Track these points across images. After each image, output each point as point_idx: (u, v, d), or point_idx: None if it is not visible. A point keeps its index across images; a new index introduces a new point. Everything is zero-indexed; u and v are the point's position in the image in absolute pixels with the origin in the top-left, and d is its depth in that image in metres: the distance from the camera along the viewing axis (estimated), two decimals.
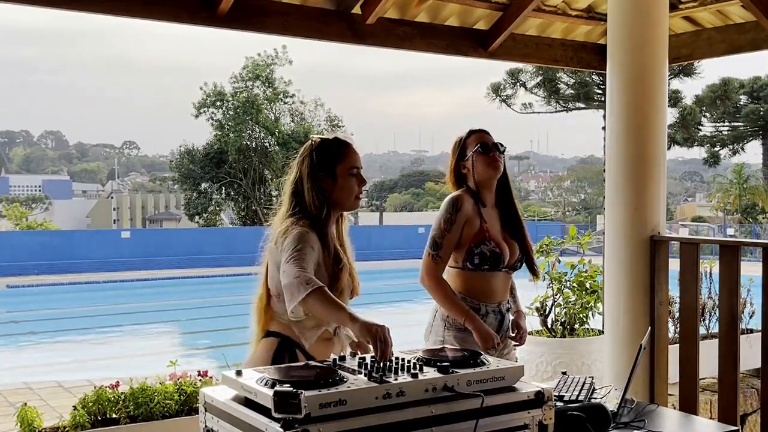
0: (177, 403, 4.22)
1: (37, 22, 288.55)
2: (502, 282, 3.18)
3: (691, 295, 4.28)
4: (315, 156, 2.65)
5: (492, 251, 3.11)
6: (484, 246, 3.10)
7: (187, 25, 4.13)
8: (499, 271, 3.15)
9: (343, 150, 2.68)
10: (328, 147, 2.67)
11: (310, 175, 2.64)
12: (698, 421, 3.13)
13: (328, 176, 2.64)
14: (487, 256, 3.10)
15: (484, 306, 3.14)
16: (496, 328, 3.15)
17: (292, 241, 2.49)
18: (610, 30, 4.63)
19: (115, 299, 18.53)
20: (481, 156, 3.15)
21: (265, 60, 28.38)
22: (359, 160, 2.72)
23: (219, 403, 2.05)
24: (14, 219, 39.68)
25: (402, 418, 1.91)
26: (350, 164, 2.67)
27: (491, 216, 3.20)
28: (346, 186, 2.66)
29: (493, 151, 3.17)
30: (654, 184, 4.48)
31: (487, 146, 3.16)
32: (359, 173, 2.70)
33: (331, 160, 2.65)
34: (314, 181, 2.63)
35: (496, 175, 3.18)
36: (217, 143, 28.16)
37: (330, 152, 2.66)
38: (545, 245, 5.15)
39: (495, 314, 3.16)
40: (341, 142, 2.70)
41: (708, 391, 4.94)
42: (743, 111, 28.41)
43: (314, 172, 2.64)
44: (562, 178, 68.44)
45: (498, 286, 3.17)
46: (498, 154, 3.18)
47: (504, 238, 3.18)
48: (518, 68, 21.47)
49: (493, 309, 3.16)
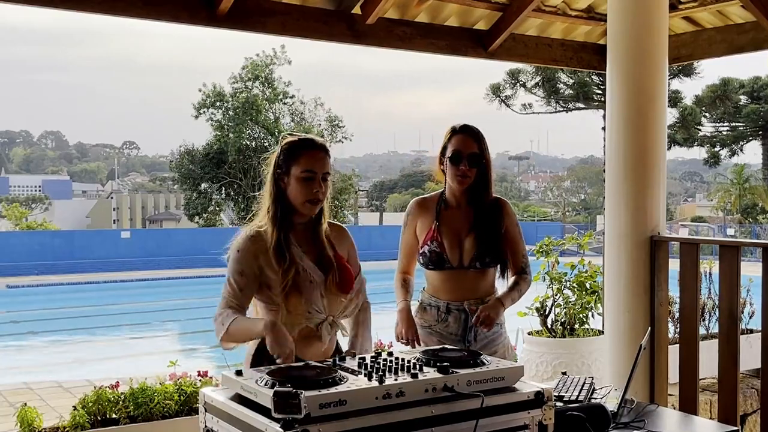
0: (177, 403, 4.22)
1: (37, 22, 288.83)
2: (465, 281, 3.14)
3: (691, 295, 4.28)
4: (279, 154, 2.68)
5: (432, 251, 3.13)
6: (427, 246, 3.14)
7: (187, 25, 4.13)
8: (454, 270, 3.13)
9: (301, 152, 2.66)
10: (291, 147, 2.68)
11: (273, 173, 2.68)
12: (698, 422, 3.13)
13: (285, 175, 2.67)
14: (428, 256, 3.14)
15: (444, 304, 3.15)
16: (461, 326, 3.13)
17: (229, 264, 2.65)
18: (610, 30, 4.63)
19: (115, 299, 18.54)
20: (451, 166, 3.13)
21: (264, 60, 28.39)
22: (319, 164, 2.65)
23: (219, 403, 2.05)
24: (14, 219, 39.73)
25: (402, 418, 1.91)
26: (304, 167, 2.64)
27: (457, 216, 3.18)
28: (297, 188, 2.65)
29: (462, 163, 3.10)
30: (654, 184, 4.48)
31: (458, 158, 3.10)
32: (315, 178, 2.64)
33: (289, 160, 2.66)
34: (274, 179, 2.68)
35: (461, 189, 3.15)
36: (216, 143, 28.15)
37: (289, 152, 2.67)
38: (545, 245, 5.14)
39: (459, 312, 3.13)
40: (305, 143, 2.69)
41: (708, 391, 4.94)
42: (743, 111, 28.40)
43: (276, 170, 2.68)
44: (562, 179, 68.45)
45: (459, 285, 3.14)
46: (468, 168, 3.10)
47: (465, 238, 3.13)
48: (518, 68, 21.43)
49: (456, 307, 3.14)
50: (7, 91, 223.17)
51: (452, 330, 3.14)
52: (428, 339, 3.16)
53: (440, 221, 3.17)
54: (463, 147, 3.11)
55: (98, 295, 19.23)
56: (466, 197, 3.19)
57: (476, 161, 3.11)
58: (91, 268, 22.67)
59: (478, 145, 3.13)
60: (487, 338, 3.16)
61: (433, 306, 3.18)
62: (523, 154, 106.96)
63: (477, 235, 3.14)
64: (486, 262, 3.15)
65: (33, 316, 16.16)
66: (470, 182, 3.13)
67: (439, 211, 3.19)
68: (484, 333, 3.14)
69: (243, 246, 2.64)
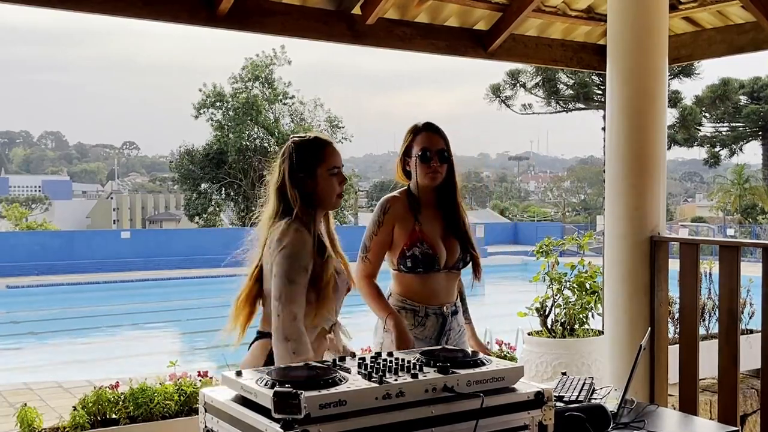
0: (177, 403, 4.22)
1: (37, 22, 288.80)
2: (443, 283, 3.12)
3: (691, 295, 4.28)
4: (295, 157, 2.66)
5: (425, 253, 3.06)
6: (416, 248, 3.06)
7: (187, 25, 4.13)
8: (438, 273, 3.09)
9: (323, 151, 2.67)
10: (308, 148, 2.67)
11: (291, 177, 2.65)
12: (698, 422, 3.13)
13: (309, 177, 2.65)
14: (419, 259, 3.06)
15: (423, 308, 3.09)
16: (437, 330, 3.11)
17: (283, 261, 2.52)
18: (610, 30, 4.63)
19: (114, 299, 18.53)
20: (421, 164, 3.09)
21: (264, 60, 28.39)
22: (339, 159, 2.71)
23: (219, 404, 2.05)
24: (14, 219, 39.71)
25: (402, 419, 1.91)
26: (330, 164, 2.67)
27: (429, 217, 3.13)
28: (328, 186, 2.66)
29: (433, 160, 3.08)
30: (654, 184, 4.48)
31: (426, 155, 3.07)
32: (340, 172, 2.70)
33: (311, 162, 2.65)
34: (295, 182, 2.64)
35: (433, 185, 3.11)
36: (216, 144, 28.15)
37: (309, 153, 2.66)
38: (545, 246, 5.14)
39: (437, 316, 3.11)
40: (320, 142, 2.69)
41: (708, 391, 4.94)
42: (743, 111, 28.42)
43: (295, 173, 2.65)
44: (562, 179, 68.51)
45: (439, 288, 3.11)
46: (438, 164, 3.08)
47: (444, 239, 3.12)
48: (518, 69, 21.45)
49: (435, 311, 3.11)
50: (7, 91, 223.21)
51: (428, 333, 3.11)
52: None
53: (420, 222, 3.11)
54: (431, 144, 3.09)
55: (98, 296, 19.22)
56: (435, 197, 3.15)
57: (445, 158, 3.10)
58: (91, 268, 22.66)
59: (444, 141, 3.13)
60: (456, 341, 3.16)
61: (408, 309, 3.10)
62: (523, 155, 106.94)
63: (455, 235, 3.13)
64: (466, 262, 3.16)
65: (33, 317, 16.16)
66: (441, 179, 3.11)
67: (416, 212, 3.12)
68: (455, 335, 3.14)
69: (299, 240, 2.56)
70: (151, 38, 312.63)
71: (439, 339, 3.12)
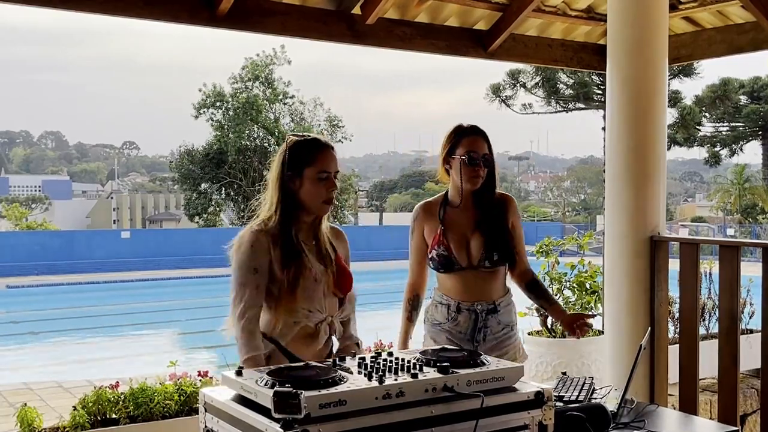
0: (177, 403, 4.22)
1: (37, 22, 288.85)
2: (474, 281, 3.15)
3: (691, 295, 4.28)
4: (287, 156, 2.64)
5: (441, 255, 3.13)
6: (435, 250, 3.15)
7: (187, 25, 4.13)
8: (463, 271, 3.14)
9: (316, 153, 2.64)
10: (302, 148, 2.65)
11: (279, 175, 2.65)
12: (698, 422, 3.13)
13: (296, 177, 2.63)
14: (437, 260, 3.15)
15: (456, 303, 3.16)
16: (470, 326, 3.14)
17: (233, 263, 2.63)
18: (610, 30, 4.63)
19: (114, 299, 18.55)
20: (465, 168, 3.11)
21: (264, 60, 28.38)
22: (333, 164, 2.66)
23: (219, 404, 2.05)
24: (14, 219, 39.74)
25: (402, 419, 1.91)
26: (319, 168, 2.63)
27: (459, 217, 3.17)
28: (313, 189, 2.63)
29: (478, 165, 3.11)
30: (654, 184, 4.48)
31: (473, 159, 3.10)
32: (330, 178, 2.65)
33: (301, 163, 2.63)
34: (282, 181, 2.64)
35: (474, 188, 3.15)
36: (216, 144, 28.15)
37: (301, 154, 2.64)
38: (545, 245, 5.15)
39: (469, 312, 3.15)
40: (315, 144, 2.67)
41: (708, 391, 4.94)
42: (743, 111, 28.41)
43: (284, 172, 2.64)
44: (562, 179, 68.50)
45: (469, 286, 3.15)
46: (482, 168, 3.12)
47: (472, 239, 3.14)
48: (518, 69, 21.45)
49: (467, 307, 3.15)
50: (7, 91, 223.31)
51: (461, 329, 3.16)
52: (437, 336, 3.19)
53: (445, 224, 3.17)
54: (477, 148, 3.12)
55: (98, 296, 19.23)
56: (472, 197, 3.19)
57: (489, 162, 3.15)
58: (91, 268, 22.68)
59: (488, 145, 3.16)
60: (496, 339, 3.17)
61: (443, 304, 3.19)
62: (523, 154, 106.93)
63: (482, 234, 3.15)
64: (495, 260, 3.15)
65: (33, 317, 16.16)
66: (482, 182, 3.15)
67: (442, 214, 3.18)
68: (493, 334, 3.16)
69: (255, 239, 2.60)
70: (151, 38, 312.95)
71: (474, 335, 3.15)
